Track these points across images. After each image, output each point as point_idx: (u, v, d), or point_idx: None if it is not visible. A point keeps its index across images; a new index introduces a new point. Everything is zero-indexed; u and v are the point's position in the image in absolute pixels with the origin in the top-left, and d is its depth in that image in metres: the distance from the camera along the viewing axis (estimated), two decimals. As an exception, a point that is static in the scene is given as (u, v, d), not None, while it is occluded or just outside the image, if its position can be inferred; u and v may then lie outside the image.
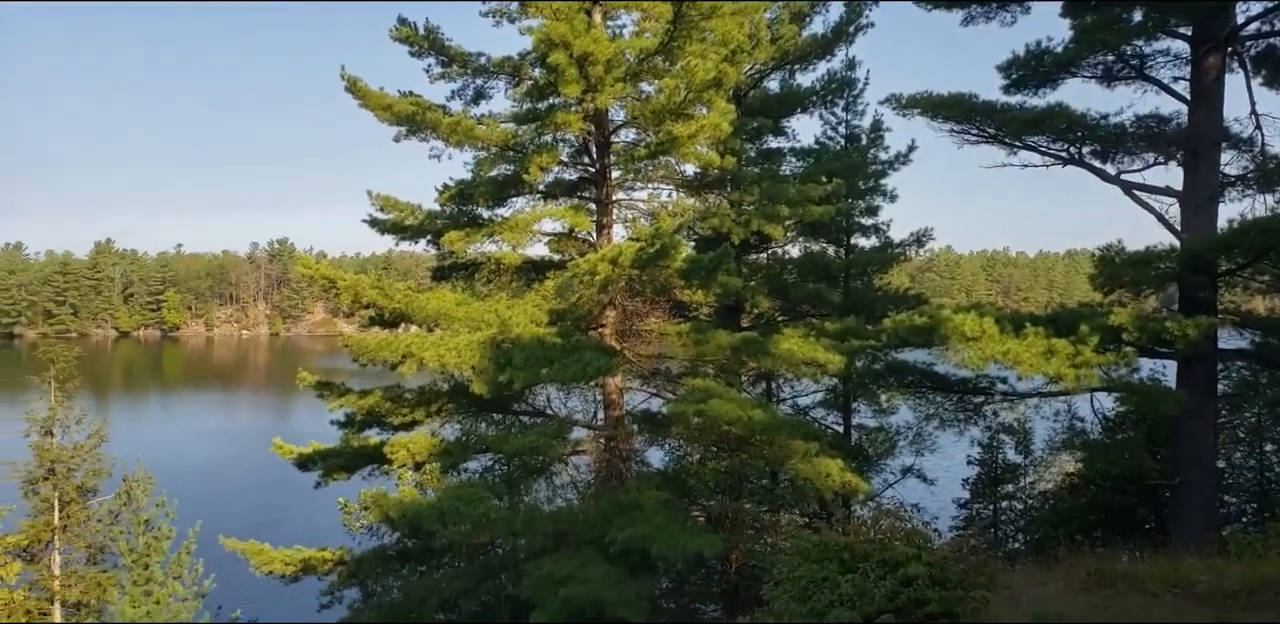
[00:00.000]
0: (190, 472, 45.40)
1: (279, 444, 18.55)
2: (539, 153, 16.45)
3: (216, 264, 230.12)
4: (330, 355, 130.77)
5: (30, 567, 21.34)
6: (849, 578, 7.22)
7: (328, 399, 17.91)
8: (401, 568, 16.96)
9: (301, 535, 19.66)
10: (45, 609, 21.21)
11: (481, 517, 13.67)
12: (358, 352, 16.56)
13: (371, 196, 19.07)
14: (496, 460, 17.08)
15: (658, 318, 17.00)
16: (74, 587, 21.61)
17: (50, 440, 22.49)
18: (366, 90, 17.50)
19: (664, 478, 16.79)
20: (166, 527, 20.61)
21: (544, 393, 18.56)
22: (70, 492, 22.14)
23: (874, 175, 21.78)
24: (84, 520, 22.46)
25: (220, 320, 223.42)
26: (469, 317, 16.56)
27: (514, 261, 18.67)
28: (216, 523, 21.29)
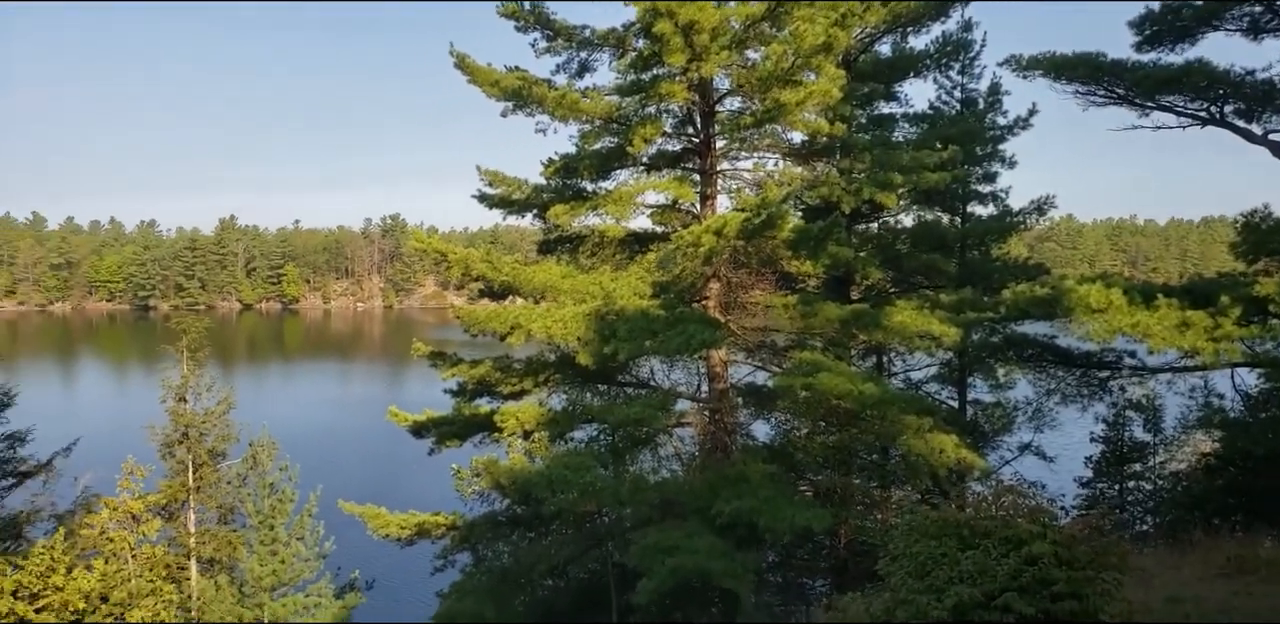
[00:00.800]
0: (310, 438, 47.38)
1: (394, 412, 19.15)
2: (643, 124, 16.31)
3: (332, 239, 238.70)
4: (441, 327, 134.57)
5: (169, 524, 22.66)
6: (969, 555, 6.96)
7: (440, 369, 18.34)
8: (511, 534, 17.34)
9: (415, 500, 20.27)
10: (183, 564, 22.53)
11: (588, 485, 13.83)
12: (468, 322, 16.88)
13: (480, 172, 19.28)
14: (602, 431, 17.21)
15: (763, 290, 16.75)
16: (207, 544, 22.86)
17: (184, 406, 23.70)
18: (475, 66, 17.64)
19: (770, 451, 16.63)
20: (290, 490, 21.53)
21: (648, 365, 18.58)
22: (202, 455, 23.34)
23: (992, 141, 20.85)
24: (215, 482, 23.67)
25: (337, 293, 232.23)
26: (574, 289, 16.67)
27: (617, 234, 18.66)
28: (335, 487, 22.21)
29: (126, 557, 21.04)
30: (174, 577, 21.90)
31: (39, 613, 18.19)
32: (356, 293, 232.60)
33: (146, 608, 19.57)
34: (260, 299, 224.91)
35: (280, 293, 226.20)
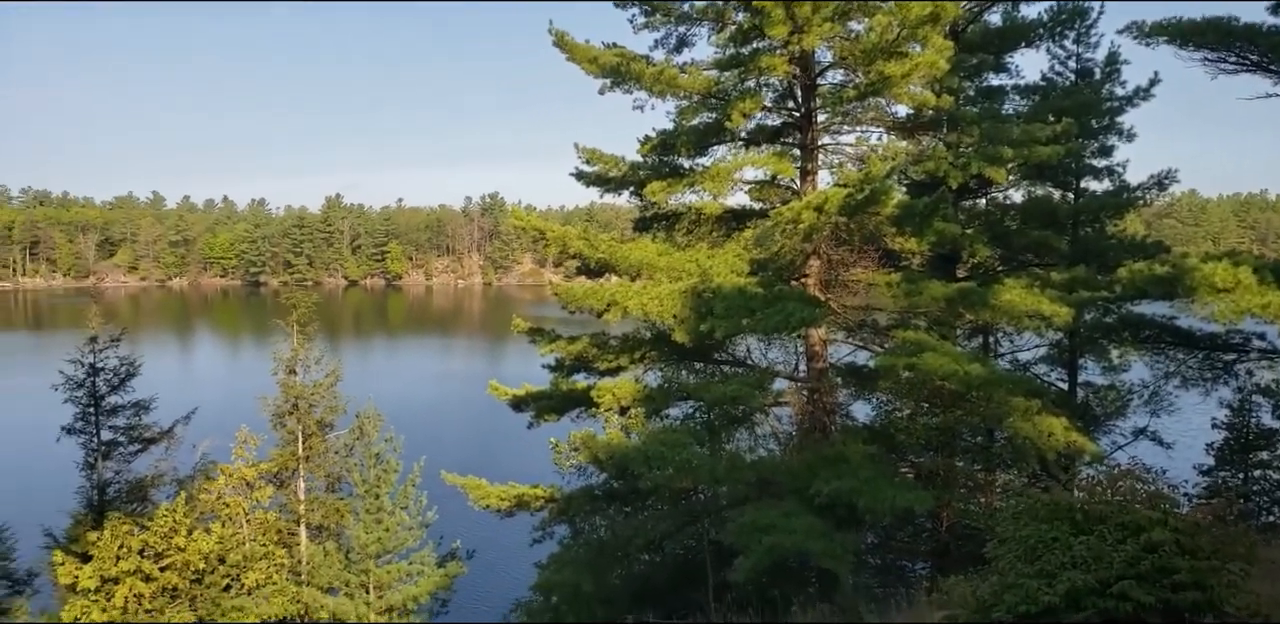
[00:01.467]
0: (413, 410, 48.80)
1: (495, 386, 19.52)
2: (742, 99, 16.07)
3: (434, 217, 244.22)
4: (538, 304, 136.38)
5: (281, 491, 23.66)
6: (1083, 540, 6.70)
7: (539, 344, 18.59)
8: (608, 507, 17.53)
9: (514, 473, 20.67)
10: (293, 529, 23.53)
11: (684, 462, 13.85)
12: (566, 299, 17.02)
13: (578, 149, 19.32)
14: (697, 408, 17.20)
15: (865, 267, 16.39)
16: (316, 511, 23.81)
17: (294, 378, 24.62)
18: (573, 44, 17.65)
19: (871, 432, 16.36)
20: (394, 461, 22.21)
21: (744, 343, 18.45)
22: (311, 425, 24.25)
23: (1108, 113, 19.86)
24: (323, 452, 24.58)
25: (438, 270, 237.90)
26: (670, 266, 16.62)
27: (714, 211, 18.50)
28: (437, 459, 22.79)
29: (241, 521, 22.10)
30: (285, 542, 22.90)
31: (163, 571, 19.29)
32: (457, 270, 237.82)
33: (260, 570, 20.56)
34: (365, 276, 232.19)
35: (384, 269, 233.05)
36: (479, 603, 26.17)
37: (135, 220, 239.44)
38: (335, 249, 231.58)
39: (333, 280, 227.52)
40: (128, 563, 18.86)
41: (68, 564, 19.09)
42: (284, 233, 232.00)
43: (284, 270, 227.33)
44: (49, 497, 23.81)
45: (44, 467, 26.43)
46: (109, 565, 18.81)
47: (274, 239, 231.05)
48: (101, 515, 21.18)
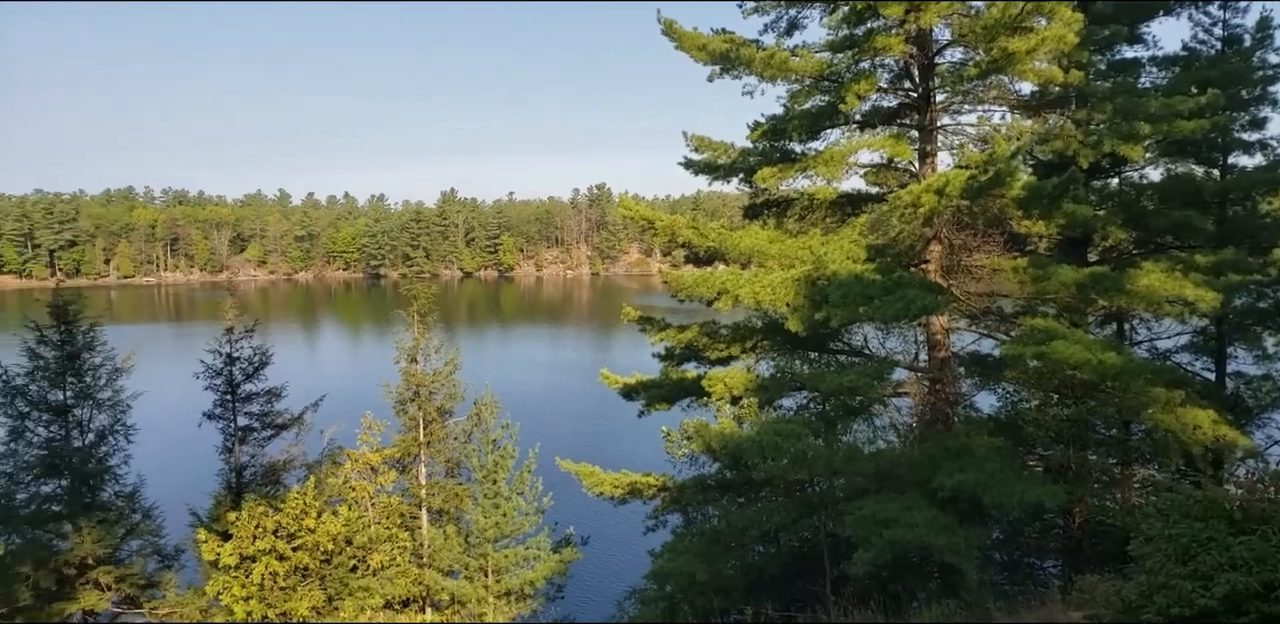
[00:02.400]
0: (527, 398, 49.75)
1: (605, 375, 19.61)
2: (856, 80, 15.62)
3: (544, 209, 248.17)
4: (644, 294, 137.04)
5: (403, 476, 24.41)
6: (1244, 540, 6.22)
7: (649, 333, 18.56)
8: (721, 497, 17.42)
9: (626, 461, 20.79)
10: (415, 513, 24.24)
11: (800, 453, 13.61)
12: (675, 288, 16.90)
13: (687, 137, 19.17)
14: (812, 399, 16.88)
15: (989, 252, 15.72)
16: (436, 495, 24.47)
17: (415, 367, 25.32)
18: (681, 31, 17.48)
19: (996, 424, 15.73)
20: (511, 447, 22.62)
21: (861, 332, 18.00)
22: (432, 412, 24.90)
23: (1260, 82, 18.48)
24: (443, 438, 25.22)
25: (548, 261, 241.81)
26: (782, 253, 16.32)
27: (828, 196, 18.05)
28: (551, 445, 23.12)
29: (366, 504, 22.90)
30: (407, 525, 23.62)
31: (295, 551, 20.12)
32: (566, 261, 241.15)
33: (384, 552, 21.25)
34: (479, 267, 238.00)
35: (497, 261, 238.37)
36: (593, 589, 26.48)
37: (264, 217, 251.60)
38: (450, 242, 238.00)
39: (449, 272, 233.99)
40: (263, 542, 19.77)
41: (210, 542, 20.13)
42: (402, 227, 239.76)
43: (403, 263, 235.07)
44: (193, 478, 25.23)
45: (189, 450, 27.99)
46: (247, 544, 19.75)
47: (393, 233, 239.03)
48: (239, 497, 22.27)
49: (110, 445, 21.91)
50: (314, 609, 19.70)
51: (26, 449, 20.96)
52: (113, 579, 19.57)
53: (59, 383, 21.72)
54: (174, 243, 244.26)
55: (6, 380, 21.07)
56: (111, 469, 21.73)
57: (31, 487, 20.67)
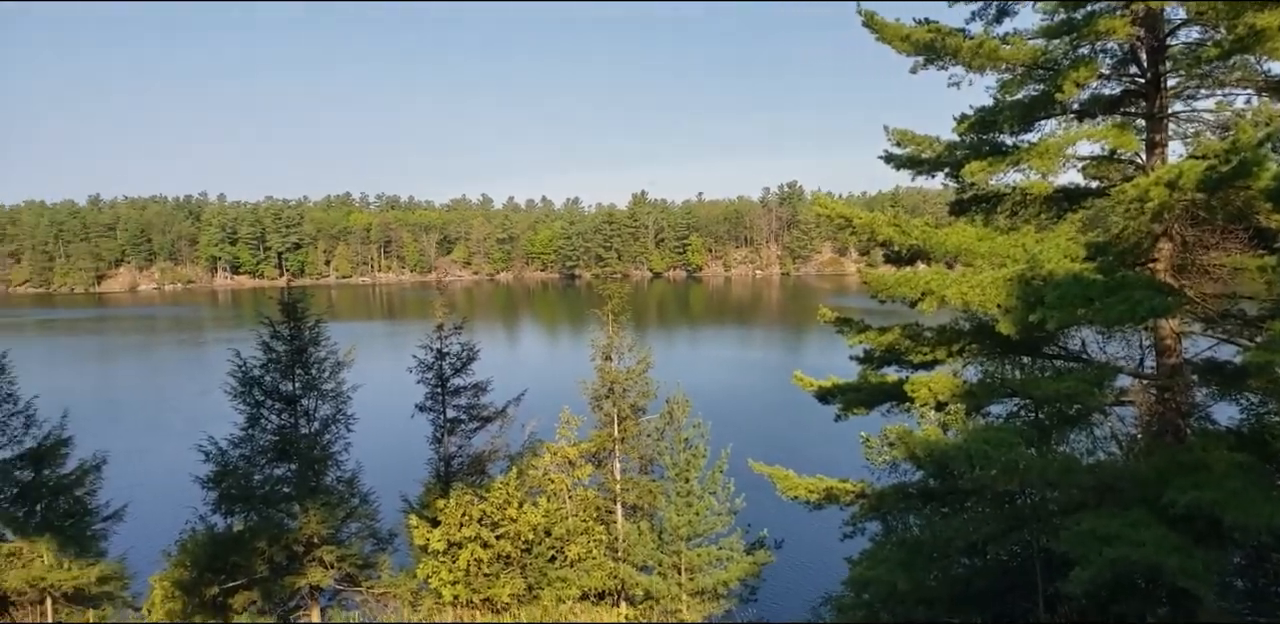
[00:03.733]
0: (717, 398, 49.85)
1: (799, 377, 19.29)
2: (1074, 67, 14.59)
3: (733, 209, 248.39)
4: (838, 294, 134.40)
5: (599, 470, 25.09)
6: None
7: (846, 335, 18.10)
8: (924, 506, 16.76)
9: (820, 465, 20.37)
10: (610, 507, 24.85)
11: (1011, 463, 12.87)
12: (876, 288, 16.38)
13: (888, 131, 18.56)
14: (1024, 406, 15.95)
15: (1230, 250, 14.30)
16: (630, 491, 24.98)
17: (609, 364, 25.96)
18: (883, 22, 16.94)
19: (1238, 438, 14.25)
20: (703, 446, 22.75)
21: (1078, 335, 16.82)
22: (625, 409, 25.45)
23: None
24: (636, 435, 25.72)
25: (736, 261, 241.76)
26: (992, 252, 15.50)
27: (1043, 191, 16.95)
28: (742, 446, 23.02)
29: (564, 497, 23.67)
30: (603, 519, 24.24)
31: (499, 539, 21.09)
32: (755, 260, 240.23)
33: (581, 545, 21.90)
34: (668, 267, 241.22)
35: (685, 261, 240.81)
36: (786, 593, 26.21)
37: (468, 220, 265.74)
38: (641, 243, 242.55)
39: (639, 272, 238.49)
40: (469, 529, 20.85)
41: (420, 527, 21.42)
42: (595, 229, 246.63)
43: (595, 264, 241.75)
44: (406, 466, 26.93)
45: (402, 439, 29.88)
46: (454, 531, 20.89)
47: (586, 235, 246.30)
48: (448, 485, 23.57)
49: (333, 433, 23.67)
50: (514, 596, 20.58)
51: (261, 434, 22.96)
52: (335, 558, 21.12)
53: (289, 374, 23.65)
54: (387, 245, 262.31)
55: (245, 371, 23.16)
56: (334, 455, 23.47)
57: (265, 469, 22.62)
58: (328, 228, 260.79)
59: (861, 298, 17.05)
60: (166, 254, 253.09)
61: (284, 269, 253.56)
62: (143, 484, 35.44)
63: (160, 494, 30.65)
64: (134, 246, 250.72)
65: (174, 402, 68.30)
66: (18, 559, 19.86)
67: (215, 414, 26.02)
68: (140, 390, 77.39)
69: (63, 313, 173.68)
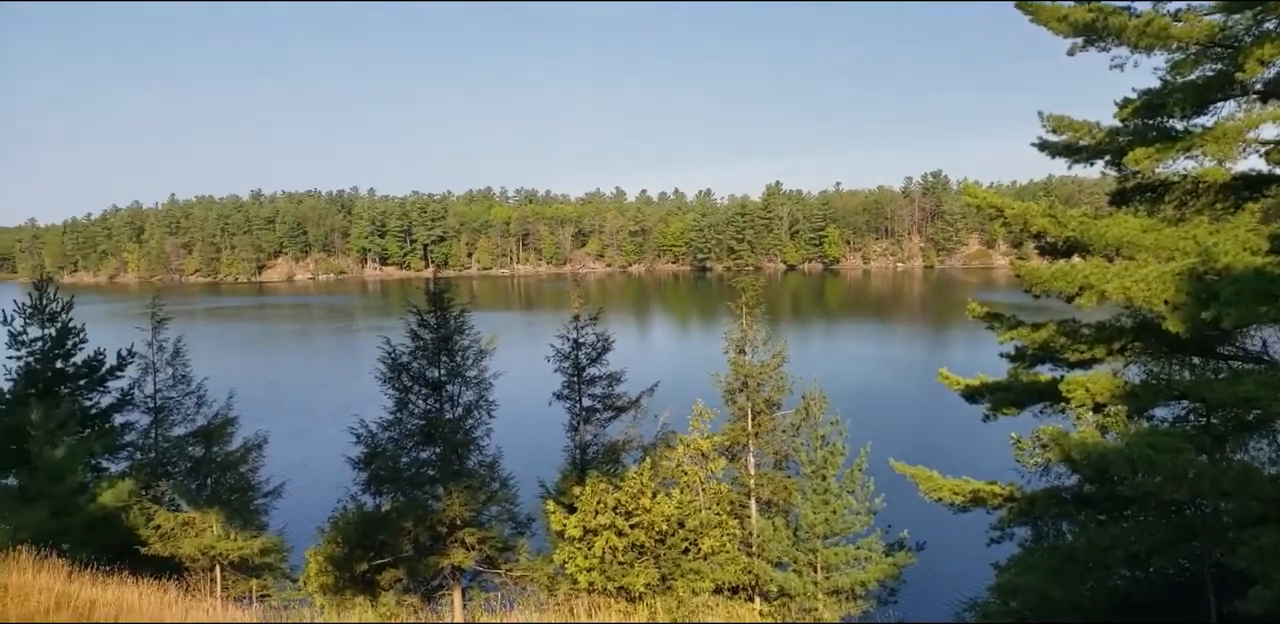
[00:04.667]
0: (855, 394, 48.80)
1: (945, 374, 18.61)
2: (1259, 44, 13.47)
3: (872, 200, 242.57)
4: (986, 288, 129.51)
5: (732, 464, 24.94)
6: None
7: (997, 331, 17.33)
8: (1079, 513, 15.88)
9: (965, 466, 19.62)
10: (743, 502, 24.68)
11: (1179, 470, 12.03)
12: (1030, 282, 15.62)
13: (1043, 117, 17.61)
14: (1193, 410, 14.89)
15: None
16: (765, 486, 24.74)
17: (743, 358, 25.76)
18: (1038, 4, 16.09)
19: None
20: (840, 444, 22.28)
21: (1259, 335, 15.55)
22: (760, 403, 25.20)
23: None
24: (770, 430, 25.44)
25: (876, 254, 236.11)
26: (1159, 244, 14.50)
27: (1219, 178, 15.73)
28: (882, 445, 22.42)
29: (698, 489, 23.64)
30: (736, 513, 24.09)
31: (633, 528, 21.23)
32: (896, 253, 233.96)
33: (714, 537, 21.81)
34: (803, 260, 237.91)
35: (821, 254, 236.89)
36: (927, 596, 25.37)
37: (602, 213, 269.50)
38: (775, 235, 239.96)
39: (772, 265, 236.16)
40: (604, 517, 21.08)
41: (557, 513, 21.81)
42: (728, 220, 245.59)
43: (727, 256, 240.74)
44: (543, 452, 27.50)
45: (539, 426, 30.54)
46: (589, 518, 21.16)
47: (719, 227, 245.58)
48: (583, 472, 23.91)
49: (475, 419, 24.36)
50: (648, 586, 20.70)
51: (409, 419, 23.84)
52: (476, 540, 21.75)
53: (435, 361, 24.47)
54: (525, 238, 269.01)
55: (394, 358, 24.10)
56: (476, 440, 24.16)
57: (412, 452, 23.49)
58: (470, 221, 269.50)
59: (1012, 292, 16.29)
60: (321, 246, 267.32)
61: (429, 260, 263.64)
62: (300, 463, 37.51)
63: (315, 473, 32.40)
64: (291, 238, 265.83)
65: (328, 385, 72.07)
66: (191, 528, 21.31)
67: (366, 398, 27.22)
68: (297, 374, 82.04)
69: (228, 301, 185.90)
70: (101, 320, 36.05)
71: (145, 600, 11.20)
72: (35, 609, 9.37)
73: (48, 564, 11.85)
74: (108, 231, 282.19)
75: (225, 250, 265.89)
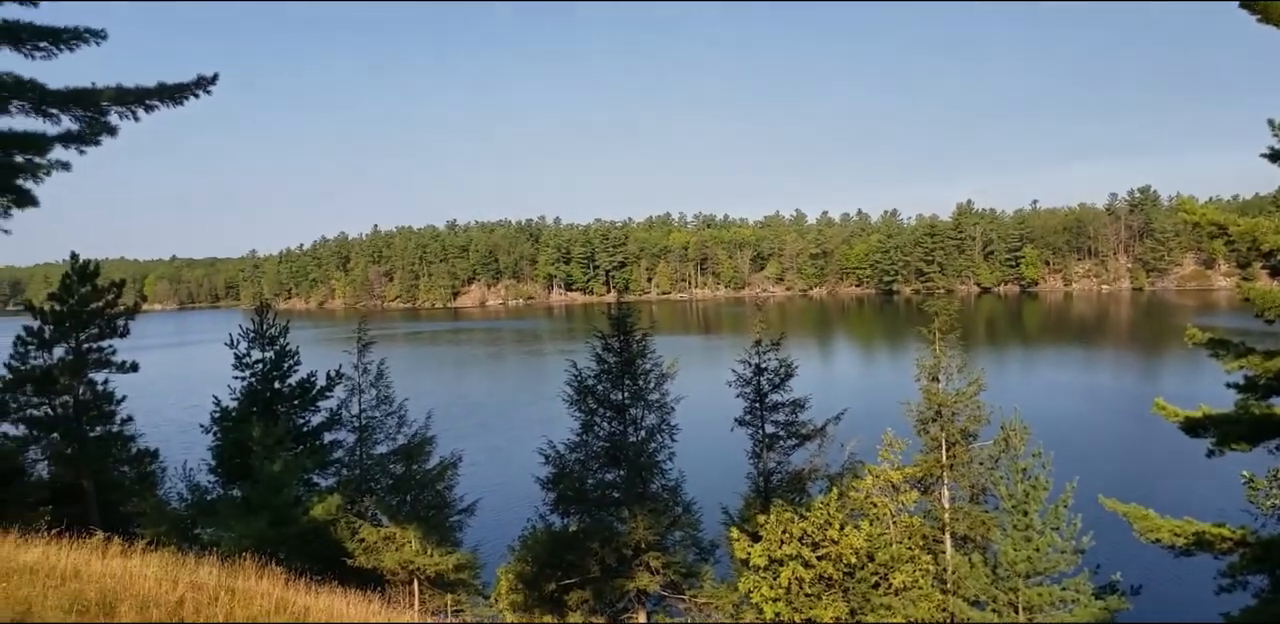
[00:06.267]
0: (1058, 425, 45.74)
1: (1161, 405, 17.16)
2: None
3: (1073, 218, 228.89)
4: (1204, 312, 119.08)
5: (925, 497, 23.89)
6: None
7: (1222, 359, 15.82)
8: (1327, 563, 14.19)
9: (1185, 506, 18.02)
10: (938, 537, 23.56)
11: None
12: (1262, 305, 14.29)
13: (1273, 126, 16.06)
14: None
15: None
16: (961, 521, 23.51)
17: (936, 386, 24.70)
18: (1267, 3, 14.72)
19: None
20: (1043, 477, 20.91)
21: None
22: (955, 434, 24.05)
23: None
24: (967, 462, 24.20)
25: (1078, 275, 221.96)
26: None
27: None
28: (1091, 480, 20.90)
29: (888, 522, 22.78)
30: (930, 548, 23.02)
31: (820, 560, 20.69)
32: (1100, 274, 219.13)
33: (906, 572, 20.91)
34: (998, 282, 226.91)
35: (1018, 275, 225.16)
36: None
37: (781, 236, 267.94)
38: (967, 256, 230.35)
39: (964, 287, 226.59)
40: (790, 547, 20.66)
41: (741, 541, 21.57)
42: (915, 242, 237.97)
43: (915, 278, 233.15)
44: (724, 478, 27.35)
45: (720, 452, 30.40)
46: (774, 547, 20.80)
47: (905, 248, 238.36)
48: (767, 500, 23.58)
49: (658, 442, 24.56)
50: (837, 619, 20.08)
51: (594, 440, 24.34)
52: (660, 564, 21.82)
53: (619, 385, 24.90)
54: (703, 262, 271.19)
55: (581, 381, 24.71)
56: (659, 464, 24.34)
57: (598, 474, 23.91)
58: (650, 247, 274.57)
59: (1237, 316, 14.91)
60: (510, 272, 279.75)
61: (610, 285, 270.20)
62: (492, 482, 39.04)
63: (506, 492, 33.59)
64: (483, 266, 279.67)
65: (518, 406, 74.85)
66: (392, 543, 22.52)
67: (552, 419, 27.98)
68: (489, 395, 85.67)
69: (425, 325, 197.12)
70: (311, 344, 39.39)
71: (353, 609, 11.91)
72: (258, 612, 10.13)
73: (268, 571, 12.79)
74: (317, 261, 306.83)
75: (423, 277, 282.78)
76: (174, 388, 73.62)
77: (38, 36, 13.33)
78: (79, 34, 13.51)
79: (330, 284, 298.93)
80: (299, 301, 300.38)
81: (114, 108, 13.93)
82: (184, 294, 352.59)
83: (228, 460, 24.66)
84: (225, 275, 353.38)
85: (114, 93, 13.78)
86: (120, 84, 13.98)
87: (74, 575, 10.80)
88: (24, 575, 10.58)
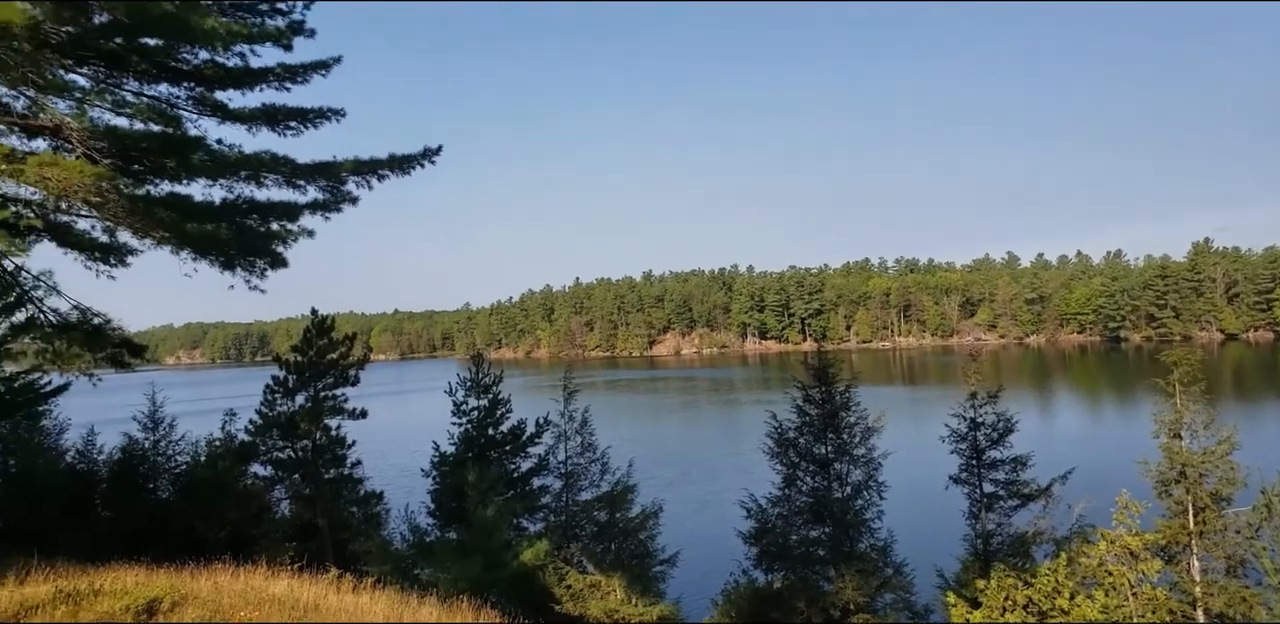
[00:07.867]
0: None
1: None
2: None
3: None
4: None
5: (1170, 567, 21.49)
6: None
7: None
8: None
9: None
10: (1187, 612, 21.07)
11: None
12: None
13: None
14: None
15: None
16: (1216, 596, 20.96)
17: (1179, 443, 22.38)
18: None
19: None
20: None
21: None
22: (1203, 497, 21.63)
23: None
24: (1220, 529, 21.66)
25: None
26: None
27: None
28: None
29: (1126, 593, 20.61)
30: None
31: (1049, 633, 18.99)
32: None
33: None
34: (1245, 328, 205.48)
35: (1271, 320, 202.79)
36: None
37: (992, 281, 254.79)
38: (1206, 299, 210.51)
39: (1205, 334, 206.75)
40: (1014, 616, 19.11)
41: (959, 606, 20.16)
42: (1144, 284, 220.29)
43: (1146, 324, 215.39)
44: (939, 539, 25.80)
45: (935, 511, 28.77)
46: (996, 615, 19.30)
47: (1133, 292, 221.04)
48: (987, 564, 22.00)
49: (865, 499, 23.60)
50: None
51: (797, 495, 23.70)
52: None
53: (821, 438, 24.21)
54: (906, 309, 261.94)
55: (781, 433, 24.19)
56: (867, 522, 23.34)
57: (802, 530, 23.19)
58: (848, 293, 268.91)
59: None
60: (704, 321, 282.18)
61: (806, 334, 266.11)
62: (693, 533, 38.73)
63: (707, 544, 33.17)
64: (678, 315, 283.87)
65: (717, 456, 74.42)
66: (598, 590, 22.65)
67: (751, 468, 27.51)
68: (688, 443, 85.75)
69: (624, 374, 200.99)
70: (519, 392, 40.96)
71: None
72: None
73: (483, 613, 13.10)
74: (524, 312, 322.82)
75: (621, 327, 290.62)
76: (397, 433, 78.47)
77: (290, 117, 14.80)
78: (324, 113, 14.90)
79: (536, 334, 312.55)
80: (508, 351, 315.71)
81: (352, 178, 15.22)
82: (404, 345, 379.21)
83: (445, 504, 25.78)
84: (441, 327, 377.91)
85: (352, 165, 15.04)
86: (357, 156, 15.28)
87: (314, 608, 11.52)
88: (274, 606, 11.43)
